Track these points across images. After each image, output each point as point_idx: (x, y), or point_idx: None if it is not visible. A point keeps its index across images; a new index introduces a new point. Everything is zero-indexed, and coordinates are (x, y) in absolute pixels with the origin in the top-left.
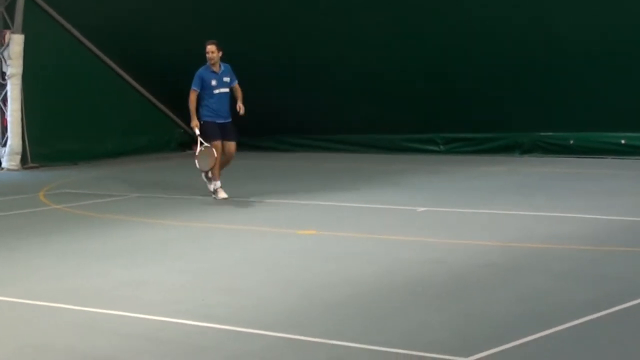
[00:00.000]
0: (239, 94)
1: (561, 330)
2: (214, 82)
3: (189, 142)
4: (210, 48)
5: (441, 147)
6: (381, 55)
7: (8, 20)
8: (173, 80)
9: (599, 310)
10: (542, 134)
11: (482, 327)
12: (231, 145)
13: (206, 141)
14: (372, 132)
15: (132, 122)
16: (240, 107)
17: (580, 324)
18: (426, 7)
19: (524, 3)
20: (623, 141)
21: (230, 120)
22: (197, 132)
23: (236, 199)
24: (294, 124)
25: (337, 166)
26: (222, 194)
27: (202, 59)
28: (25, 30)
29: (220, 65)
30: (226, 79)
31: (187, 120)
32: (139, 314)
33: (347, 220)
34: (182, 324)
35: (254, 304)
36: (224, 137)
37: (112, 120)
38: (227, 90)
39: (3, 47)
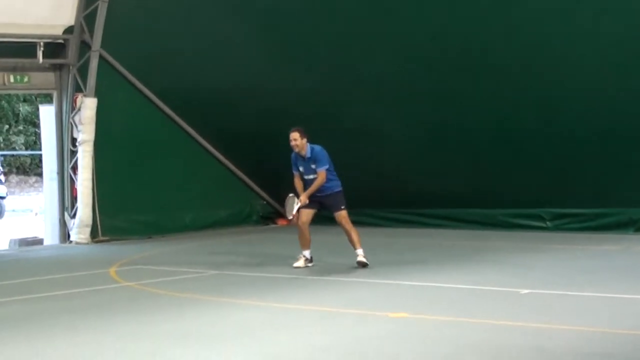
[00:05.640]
0: (316, 181)
1: None
2: (302, 169)
3: (272, 216)
4: (292, 136)
5: (548, 223)
6: (482, 124)
7: (80, 83)
8: (255, 150)
9: None
10: None
11: None
12: (337, 216)
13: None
14: (468, 206)
15: (211, 193)
16: (301, 200)
17: None
18: (527, 80)
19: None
20: None
21: (330, 192)
22: (304, 203)
23: (321, 277)
24: (376, 196)
25: (428, 242)
26: (299, 262)
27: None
28: (98, 94)
29: (308, 151)
30: (313, 166)
31: (270, 192)
32: None
33: (441, 302)
34: None
35: None
36: (329, 210)
37: (190, 190)
38: (316, 175)
39: (74, 112)
